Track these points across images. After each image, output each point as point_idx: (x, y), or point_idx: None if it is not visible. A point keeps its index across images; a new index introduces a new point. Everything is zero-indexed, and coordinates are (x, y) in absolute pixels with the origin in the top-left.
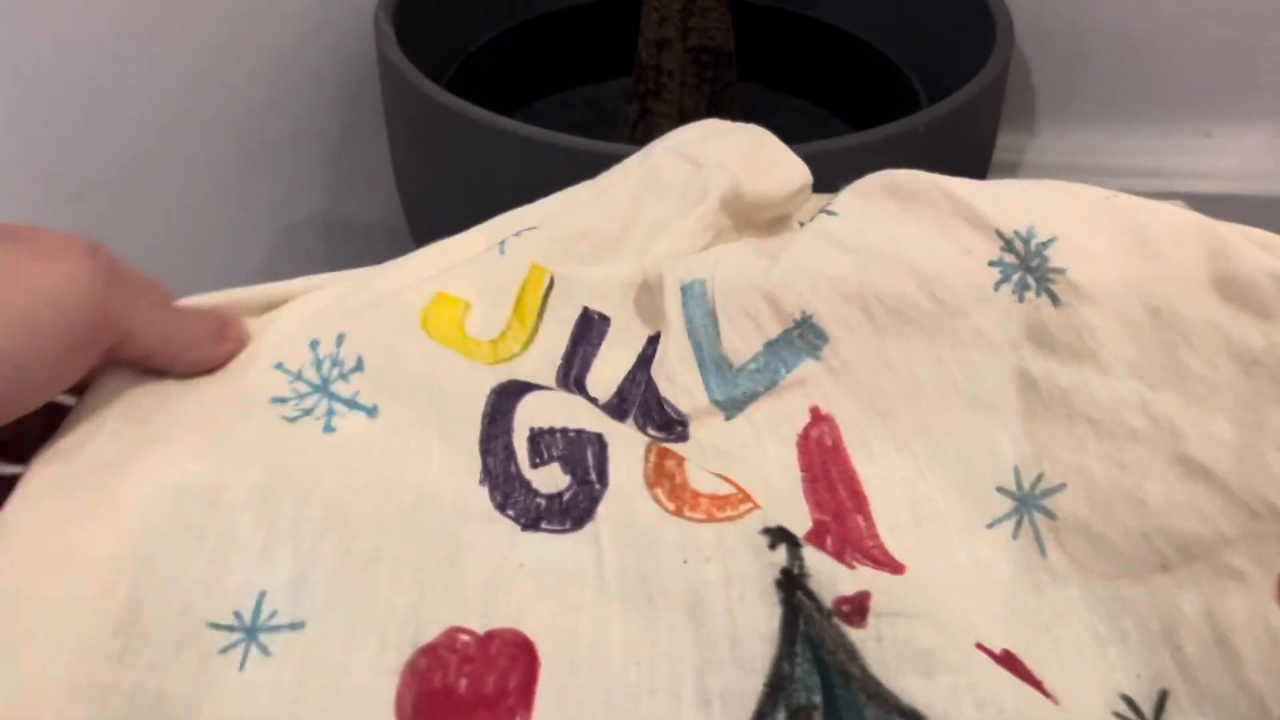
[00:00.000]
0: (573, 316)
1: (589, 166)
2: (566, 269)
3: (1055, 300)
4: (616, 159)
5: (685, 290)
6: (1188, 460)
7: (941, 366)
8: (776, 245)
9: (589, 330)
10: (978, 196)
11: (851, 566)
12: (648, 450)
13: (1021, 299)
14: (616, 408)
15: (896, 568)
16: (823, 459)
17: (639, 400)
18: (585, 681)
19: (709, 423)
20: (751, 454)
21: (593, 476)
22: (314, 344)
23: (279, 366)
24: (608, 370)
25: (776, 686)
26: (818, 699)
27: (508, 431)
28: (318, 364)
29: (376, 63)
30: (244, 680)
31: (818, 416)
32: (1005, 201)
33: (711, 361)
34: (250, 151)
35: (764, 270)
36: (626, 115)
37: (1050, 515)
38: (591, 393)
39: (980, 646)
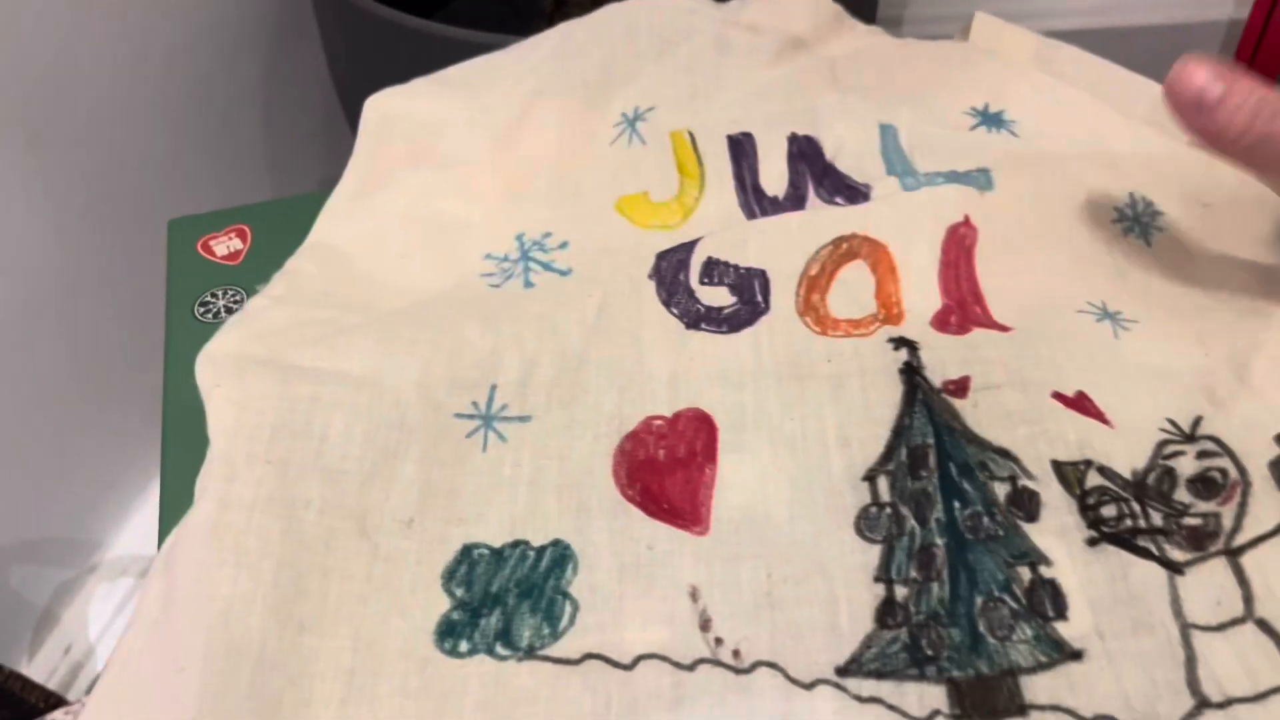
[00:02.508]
0: (723, 148)
1: None
2: (695, 121)
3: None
4: None
5: (883, 129)
6: None
7: (1069, 237)
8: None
9: (740, 149)
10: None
11: (969, 330)
12: (799, 285)
13: None
14: (793, 196)
15: (1005, 330)
16: (959, 253)
17: (821, 185)
18: (752, 436)
19: (889, 184)
20: (913, 217)
21: (759, 299)
22: (519, 236)
23: (488, 256)
24: (772, 170)
25: (899, 433)
26: (931, 441)
27: (686, 249)
28: (521, 246)
29: None
30: (488, 458)
31: (968, 223)
32: None
33: (900, 166)
34: (189, 84)
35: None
36: (544, 7)
37: (1125, 328)
38: (769, 192)
39: (1056, 395)
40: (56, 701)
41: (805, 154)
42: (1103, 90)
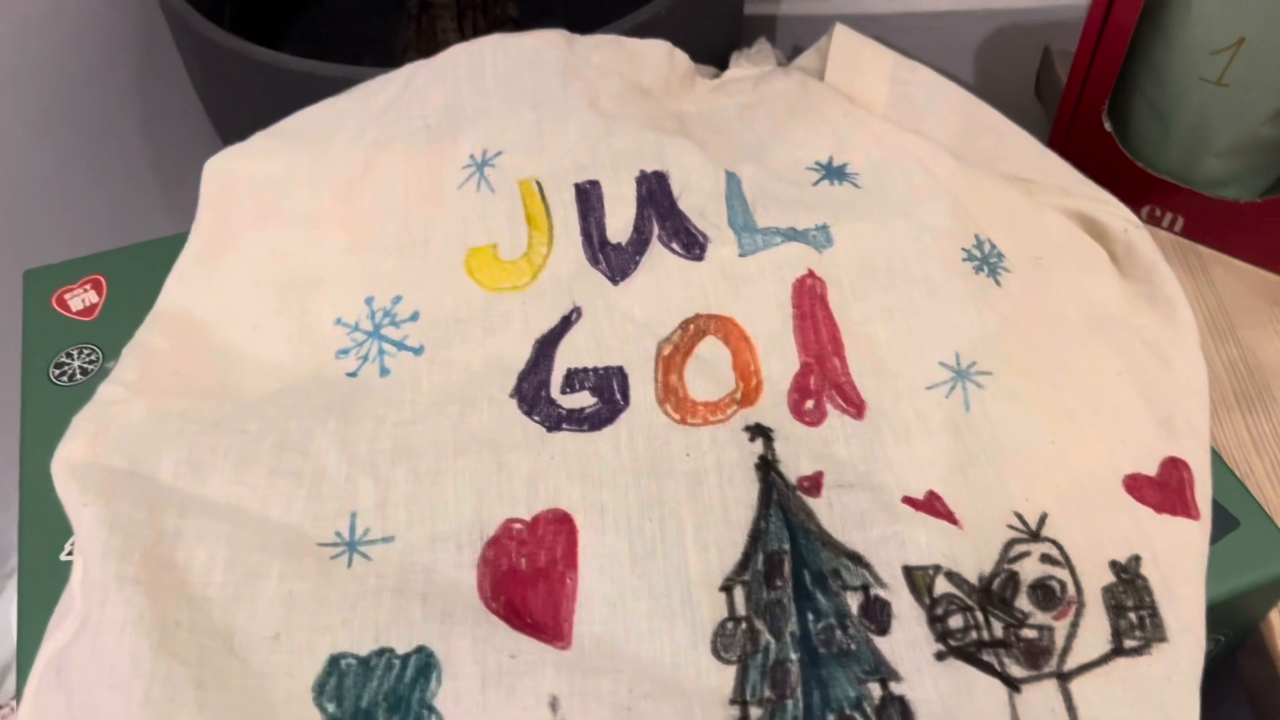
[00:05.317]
0: (570, 197)
1: None
2: (543, 167)
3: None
4: None
5: (729, 176)
6: None
7: (922, 275)
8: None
9: (587, 200)
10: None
11: (825, 412)
12: (655, 370)
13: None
14: (637, 241)
15: (860, 407)
16: (811, 302)
17: (663, 226)
18: (613, 539)
19: (724, 253)
20: (754, 285)
21: (618, 397)
22: (369, 300)
23: (339, 322)
24: (619, 221)
25: (756, 538)
26: (786, 546)
27: (548, 370)
28: (372, 315)
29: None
30: (353, 572)
31: (813, 275)
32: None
33: (741, 218)
34: (47, 122)
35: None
36: (408, 9)
37: (979, 386)
38: (614, 240)
39: (906, 499)
40: None
41: (654, 194)
42: (943, 122)
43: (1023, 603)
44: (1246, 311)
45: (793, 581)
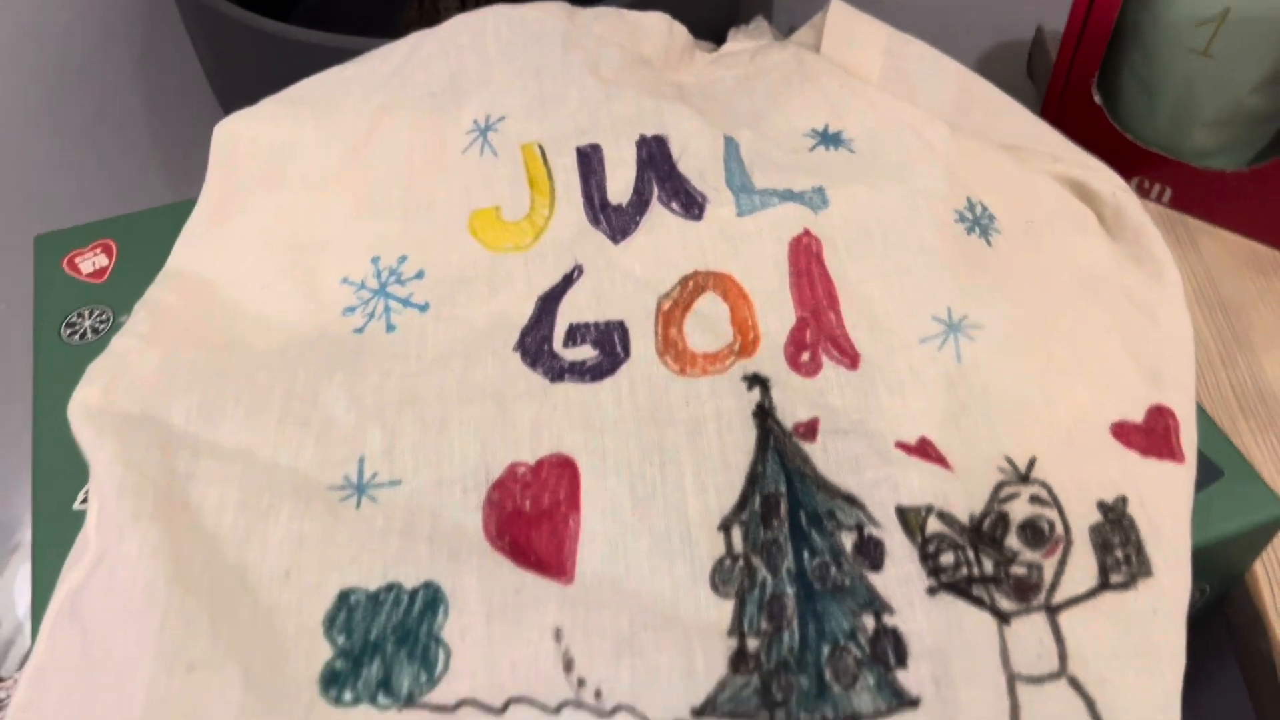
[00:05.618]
0: (572, 161)
1: None
2: (545, 132)
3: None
4: None
5: (727, 140)
6: None
7: (915, 239)
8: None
9: (589, 162)
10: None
11: (820, 363)
12: (655, 323)
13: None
14: (637, 202)
15: (854, 359)
16: (807, 260)
17: (663, 188)
18: (615, 482)
19: (722, 213)
20: (752, 245)
21: (619, 350)
22: (375, 259)
23: (345, 281)
24: (619, 183)
25: (753, 480)
26: (783, 489)
27: (550, 326)
28: (378, 274)
29: None
30: (361, 513)
31: (809, 234)
32: None
33: (739, 180)
34: (56, 72)
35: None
36: None
37: (970, 339)
38: (614, 201)
39: (899, 444)
40: None
41: (654, 157)
42: (937, 94)
43: (1012, 541)
44: (1234, 281)
45: (789, 522)
